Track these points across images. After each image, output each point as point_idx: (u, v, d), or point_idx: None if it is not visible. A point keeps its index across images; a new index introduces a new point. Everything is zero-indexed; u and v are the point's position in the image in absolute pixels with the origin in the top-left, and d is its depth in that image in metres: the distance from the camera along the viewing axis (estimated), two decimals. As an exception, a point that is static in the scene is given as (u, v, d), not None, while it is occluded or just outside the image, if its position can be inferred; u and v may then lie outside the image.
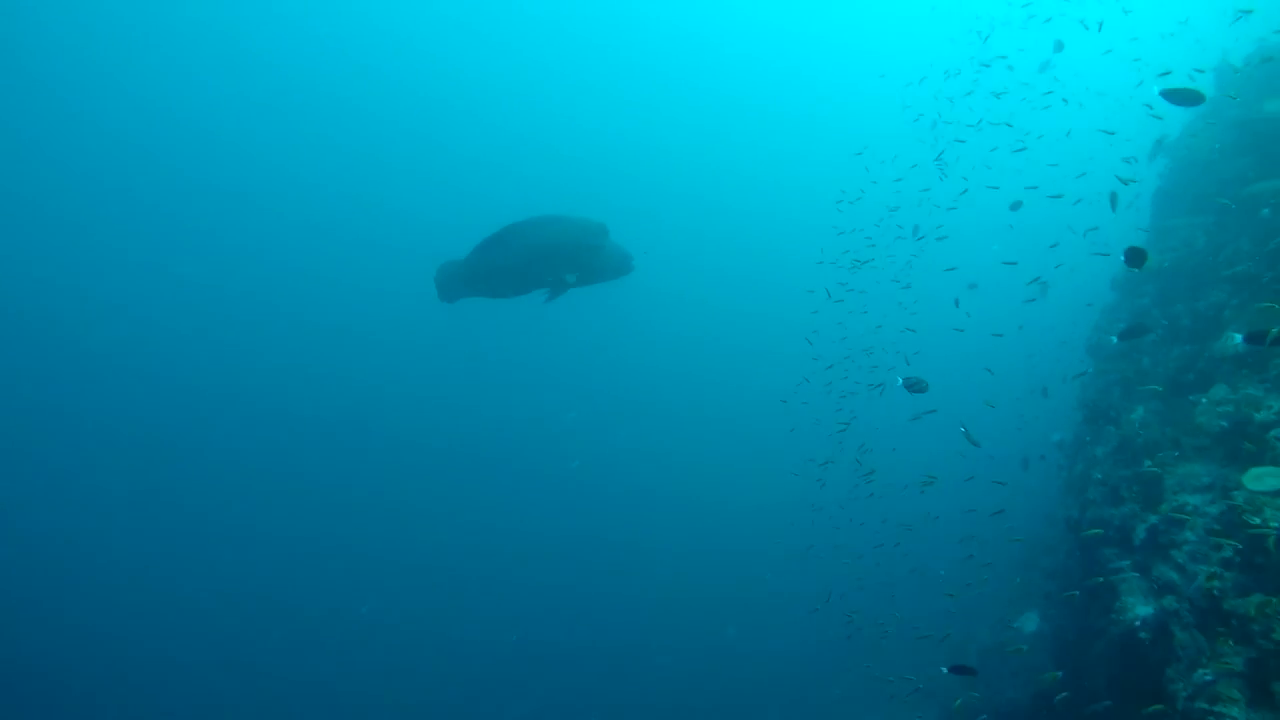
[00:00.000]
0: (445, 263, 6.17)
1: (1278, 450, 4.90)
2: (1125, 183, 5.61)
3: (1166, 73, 6.61)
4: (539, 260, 6.00)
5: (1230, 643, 4.41)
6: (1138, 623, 5.57)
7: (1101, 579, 6.23)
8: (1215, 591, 4.78)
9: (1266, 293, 5.87)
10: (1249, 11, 7.50)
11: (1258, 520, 4.45)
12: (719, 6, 37.62)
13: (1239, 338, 5.81)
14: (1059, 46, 9.58)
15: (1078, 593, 6.74)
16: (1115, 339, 5.44)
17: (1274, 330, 4.35)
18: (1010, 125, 9.87)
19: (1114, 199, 4.97)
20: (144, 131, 29.85)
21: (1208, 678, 4.36)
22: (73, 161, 28.55)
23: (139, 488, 23.10)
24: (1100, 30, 12.31)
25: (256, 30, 31.33)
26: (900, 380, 4.38)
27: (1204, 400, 6.03)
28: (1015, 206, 9.66)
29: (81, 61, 28.27)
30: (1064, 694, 6.37)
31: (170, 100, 30.28)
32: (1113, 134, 7.66)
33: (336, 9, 32.61)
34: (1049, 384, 11.75)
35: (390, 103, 34.19)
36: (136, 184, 29.65)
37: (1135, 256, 5.06)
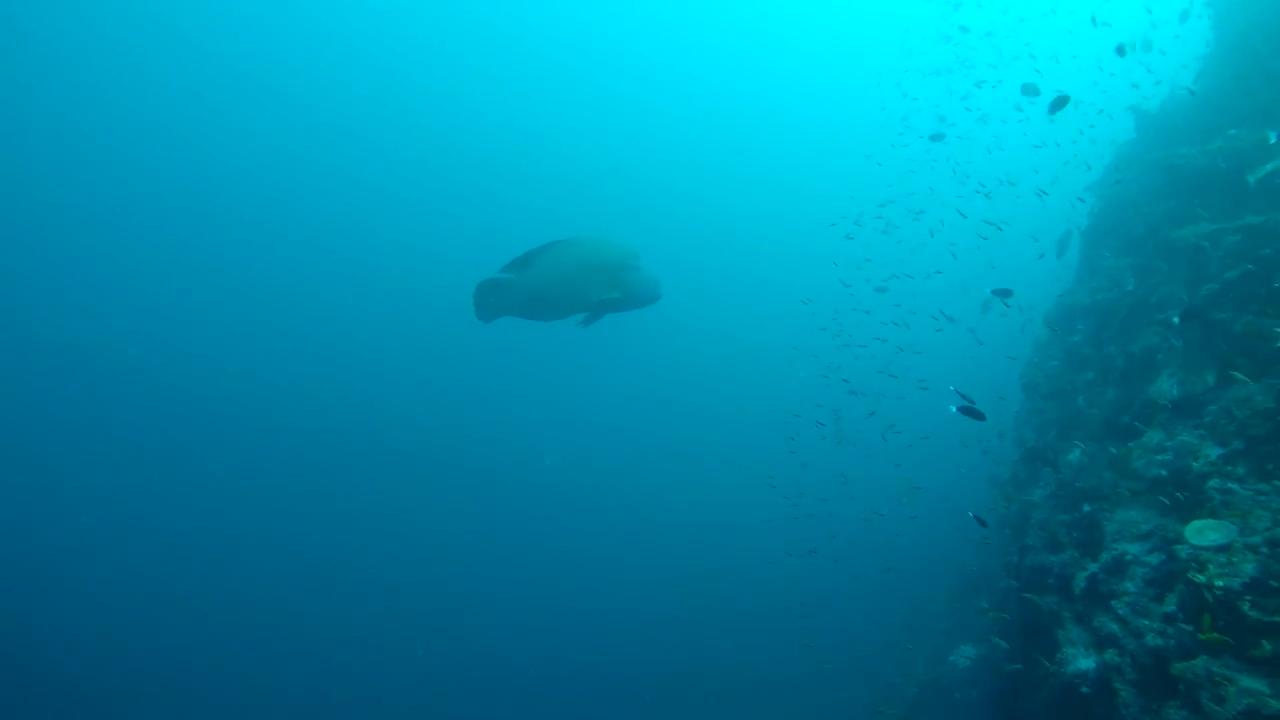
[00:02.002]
0: (484, 280, 5.81)
1: (1215, 501, 4.80)
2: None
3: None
4: (579, 276, 5.83)
5: (1178, 709, 4.24)
6: (1079, 677, 5.41)
7: (1043, 627, 6.09)
8: (1160, 651, 4.63)
9: (1196, 342, 5.87)
10: (1124, 47, 7.59)
11: (1202, 578, 4.30)
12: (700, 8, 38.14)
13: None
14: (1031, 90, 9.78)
15: (1010, 643, 6.60)
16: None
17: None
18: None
19: (1062, 244, 5.02)
20: (150, 137, 29.91)
21: (1156, 747, 4.16)
22: (71, 164, 28.47)
23: (142, 491, 23.36)
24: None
25: (255, 36, 31.51)
26: (954, 407, 4.23)
27: (1139, 445, 5.98)
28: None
29: (83, 61, 28.20)
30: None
31: (171, 106, 30.34)
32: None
33: (341, 14, 32.87)
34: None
35: (387, 111, 34.51)
36: (147, 191, 29.76)
37: (1002, 293, 5.38)
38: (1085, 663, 5.47)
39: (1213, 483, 4.88)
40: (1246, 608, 4.05)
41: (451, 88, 35.73)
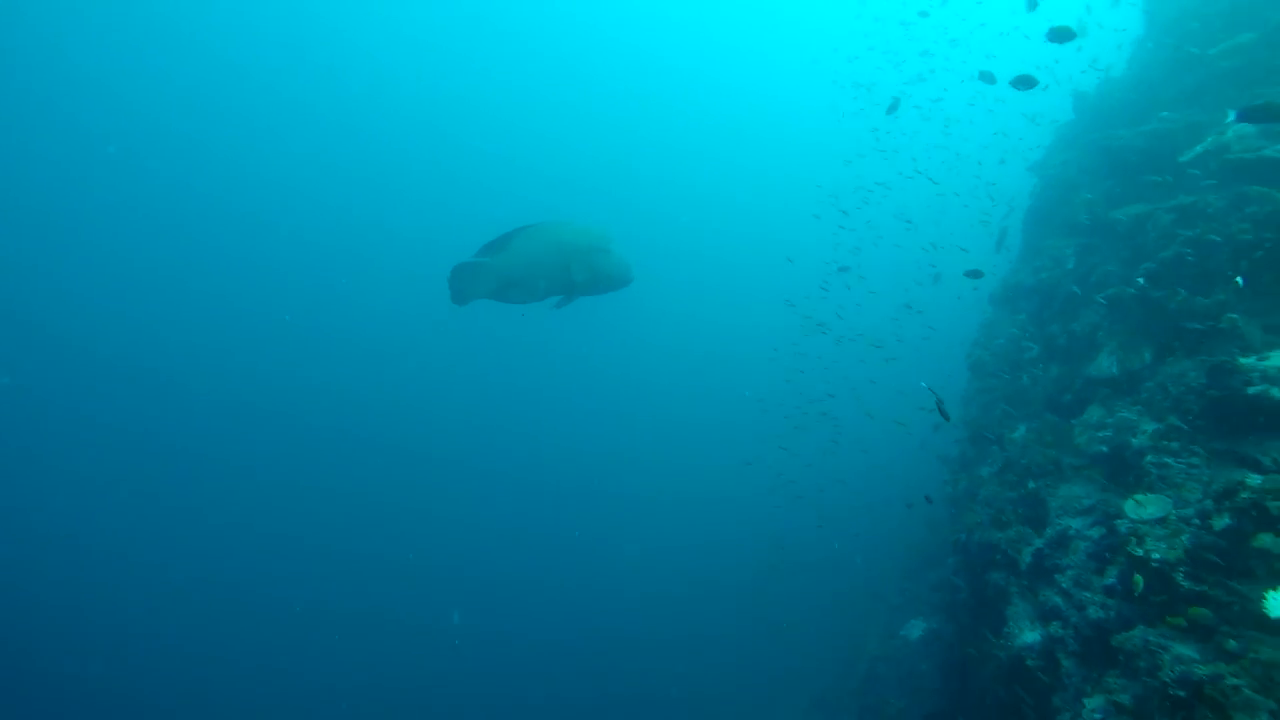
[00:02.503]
0: (459, 264, 5.92)
1: (1152, 475, 4.93)
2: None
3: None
4: (552, 259, 5.98)
5: (1118, 676, 4.36)
6: (1025, 650, 5.54)
7: (991, 603, 6.22)
8: (1101, 623, 4.76)
9: (1134, 319, 6.01)
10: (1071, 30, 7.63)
11: (1140, 551, 4.41)
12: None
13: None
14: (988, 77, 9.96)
15: (960, 619, 6.74)
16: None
17: None
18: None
19: (1001, 237, 5.06)
20: (150, 135, 29.52)
21: (1096, 717, 4.27)
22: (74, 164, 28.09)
23: (146, 488, 23.30)
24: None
25: (249, 34, 31.12)
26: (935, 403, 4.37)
27: (1081, 422, 6.13)
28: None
29: (83, 62, 27.70)
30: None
31: (172, 106, 30.01)
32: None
33: (335, 12, 32.52)
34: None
35: (370, 104, 34.43)
36: (144, 189, 29.45)
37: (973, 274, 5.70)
38: (1030, 636, 5.61)
39: (1149, 458, 5.01)
40: (1180, 578, 4.17)
41: (435, 79, 35.66)
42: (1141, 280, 5.80)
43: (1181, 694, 3.64)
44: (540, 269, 5.97)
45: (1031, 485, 6.31)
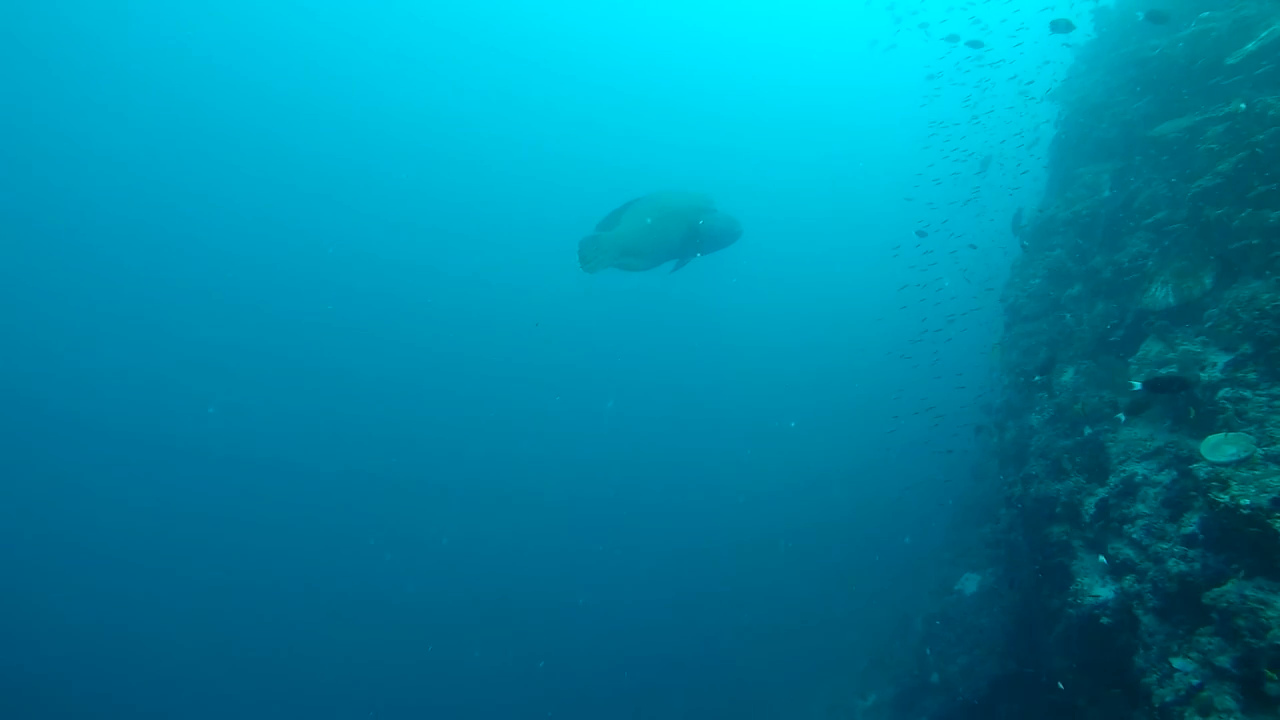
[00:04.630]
0: (584, 237, 6.49)
1: (1229, 412, 4.50)
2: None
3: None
4: (664, 225, 6.46)
5: (1211, 636, 3.99)
6: (1099, 608, 5.18)
7: (1054, 559, 5.86)
8: (1184, 575, 4.38)
9: (1188, 243, 5.53)
10: None
11: (1225, 497, 4.01)
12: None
13: (1162, 301, 5.51)
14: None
15: (1019, 575, 6.38)
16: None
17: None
18: None
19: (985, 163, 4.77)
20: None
21: (1193, 682, 3.91)
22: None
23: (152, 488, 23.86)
24: None
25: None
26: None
27: (1137, 359, 5.69)
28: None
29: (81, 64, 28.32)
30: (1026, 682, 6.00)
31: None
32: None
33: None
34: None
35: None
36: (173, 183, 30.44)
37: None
38: (1103, 591, 5.24)
39: (1224, 392, 4.57)
40: (1278, 524, 3.77)
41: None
42: (1195, 199, 5.31)
43: (1296, 657, 3.27)
44: (654, 236, 6.45)
45: (1088, 431, 5.90)
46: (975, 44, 9.62)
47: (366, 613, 20.00)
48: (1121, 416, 5.51)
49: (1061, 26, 6.47)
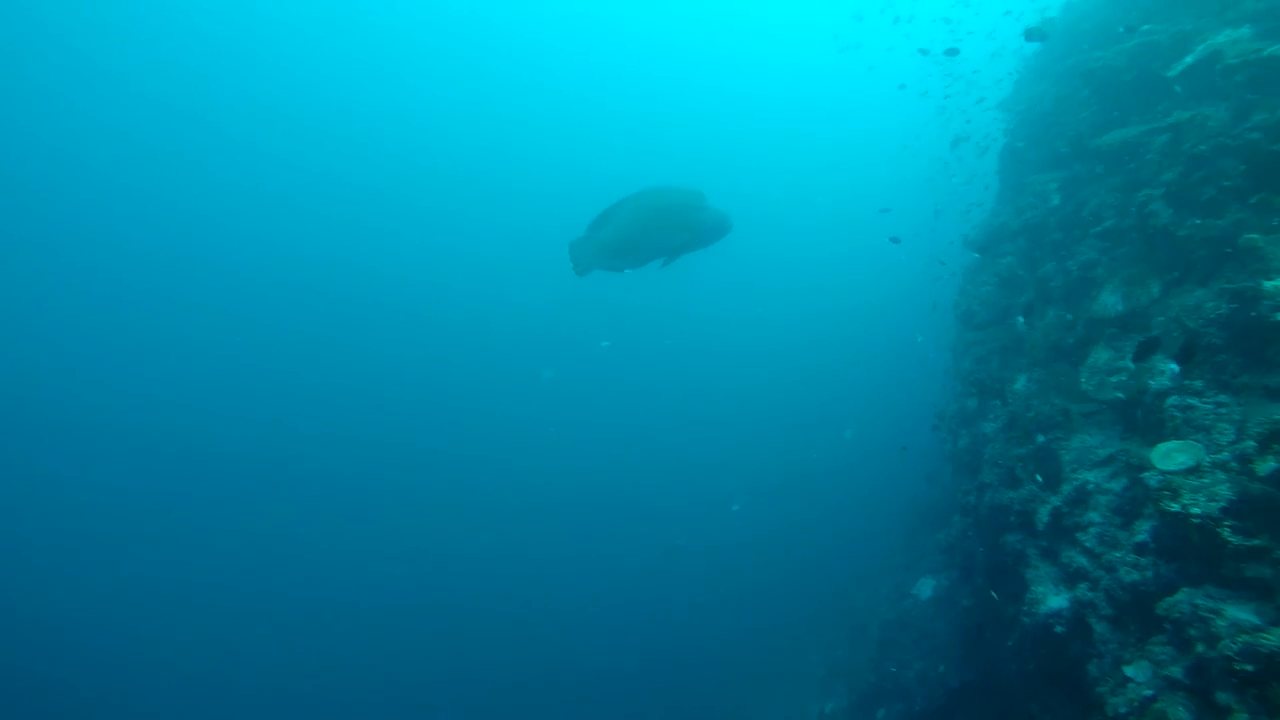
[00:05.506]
0: (575, 239, 6.44)
1: (1178, 420, 4.52)
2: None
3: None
4: (654, 223, 6.43)
5: (1164, 645, 3.97)
6: (1052, 616, 5.16)
7: (1007, 567, 5.85)
8: (1135, 585, 4.37)
9: (1137, 251, 5.58)
10: None
11: (1176, 506, 4.00)
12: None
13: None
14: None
15: (974, 584, 6.37)
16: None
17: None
18: None
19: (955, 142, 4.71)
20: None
21: (1146, 693, 3.88)
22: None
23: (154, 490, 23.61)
24: None
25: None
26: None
27: (1088, 366, 5.72)
28: None
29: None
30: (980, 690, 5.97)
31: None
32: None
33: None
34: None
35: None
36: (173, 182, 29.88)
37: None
38: (1056, 601, 5.23)
39: (1172, 400, 4.59)
40: (1227, 533, 3.77)
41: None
42: (1142, 208, 5.36)
43: (1250, 668, 3.24)
44: (643, 235, 6.39)
45: (1041, 439, 5.91)
46: (952, 52, 9.69)
47: (364, 613, 19.71)
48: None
49: (1037, 35, 6.52)
